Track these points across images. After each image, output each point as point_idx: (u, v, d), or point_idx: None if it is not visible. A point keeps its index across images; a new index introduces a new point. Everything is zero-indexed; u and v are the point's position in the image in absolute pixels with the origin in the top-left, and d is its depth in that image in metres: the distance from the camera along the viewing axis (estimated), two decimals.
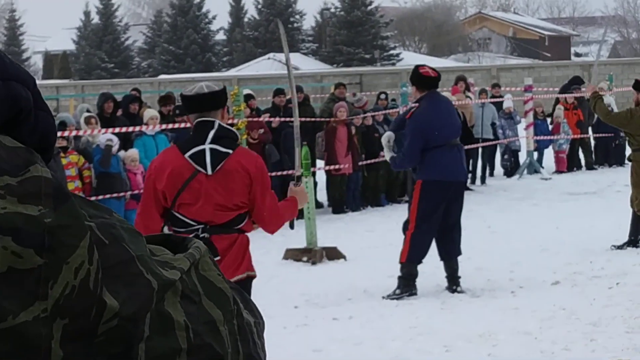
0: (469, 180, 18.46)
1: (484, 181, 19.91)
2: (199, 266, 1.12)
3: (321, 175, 17.00)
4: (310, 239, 12.30)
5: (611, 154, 22.30)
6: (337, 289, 10.14)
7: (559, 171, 21.44)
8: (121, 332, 1.00)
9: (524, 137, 21.11)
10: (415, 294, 9.69)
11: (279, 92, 17.20)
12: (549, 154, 21.70)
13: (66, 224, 0.99)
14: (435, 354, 7.55)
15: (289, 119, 16.06)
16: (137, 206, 12.94)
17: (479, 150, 19.76)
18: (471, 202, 15.60)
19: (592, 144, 22.35)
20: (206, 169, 5.52)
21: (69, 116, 14.80)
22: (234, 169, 5.53)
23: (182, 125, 13.29)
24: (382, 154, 17.01)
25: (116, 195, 12.67)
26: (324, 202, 17.15)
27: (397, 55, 60.21)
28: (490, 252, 11.69)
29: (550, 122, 21.87)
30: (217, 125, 5.52)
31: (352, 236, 13.70)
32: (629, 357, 7.25)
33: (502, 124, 20.56)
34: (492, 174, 20.70)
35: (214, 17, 63.83)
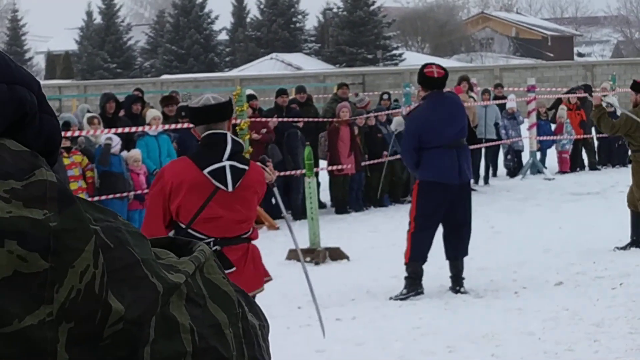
0: (472, 180, 18.45)
1: (487, 181, 19.92)
2: (204, 269, 1.12)
3: (324, 175, 16.99)
4: (313, 240, 12.31)
5: (614, 154, 22.28)
6: (340, 289, 10.14)
7: (562, 171, 21.43)
8: (126, 335, 1.00)
9: (527, 138, 21.09)
10: (421, 293, 9.69)
11: (282, 92, 17.21)
12: (552, 154, 21.69)
13: (71, 228, 0.99)
14: (438, 354, 7.55)
15: (291, 119, 16.07)
16: (140, 206, 13.05)
17: (482, 150, 19.76)
18: (474, 202, 15.48)
19: (595, 144, 22.34)
20: (227, 186, 5.54)
21: (72, 116, 14.79)
22: (250, 185, 5.61)
23: (184, 125, 13.28)
24: (384, 154, 17.06)
25: (119, 195, 12.69)
26: (327, 202, 17.15)
27: (400, 55, 60.23)
28: (493, 253, 11.69)
29: (549, 118, 21.85)
30: (229, 139, 5.55)
31: (355, 236, 13.70)
32: (633, 358, 7.25)
33: (505, 124, 20.55)
34: (495, 174, 20.72)
35: (216, 17, 63.88)
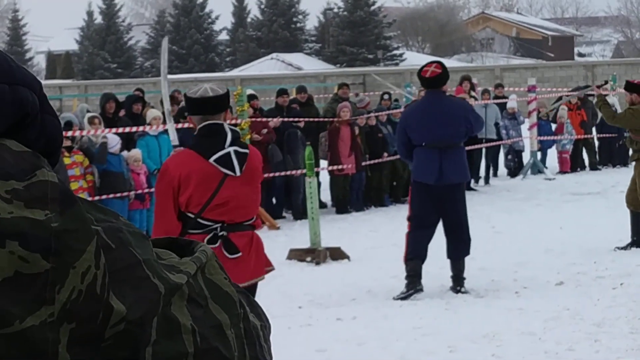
0: (473, 180, 18.46)
1: (487, 181, 19.92)
2: (206, 270, 1.12)
3: (324, 175, 16.99)
4: (314, 239, 12.30)
5: (615, 154, 22.28)
6: (341, 289, 10.14)
7: (562, 171, 21.43)
8: (128, 336, 1.00)
9: (528, 138, 21.09)
10: (421, 290, 9.68)
11: (282, 92, 17.21)
12: (552, 154, 21.69)
13: (73, 228, 0.98)
14: (439, 354, 7.54)
15: (292, 119, 16.06)
16: (140, 206, 13.05)
17: (483, 150, 19.75)
18: (475, 202, 15.60)
19: (596, 144, 22.34)
20: (234, 170, 5.57)
21: (74, 116, 14.78)
22: (254, 167, 5.67)
23: (185, 125, 13.28)
24: (385, 155, 17.06)
25: (120, 195, 12.69)
26: (328, 202, 17.15)
27: (401, 55, 60.24)
28: (494, 253, 11.68)
29: (548, 116, 21.84)
30: (227, 127, 5.60)
31: (355, 236, 13.69)
32: (634, 358, 7.24)
33: (505, 124, 20.55)
34: (495, 175, 20.72)
35: (217, 17, 63.91)
